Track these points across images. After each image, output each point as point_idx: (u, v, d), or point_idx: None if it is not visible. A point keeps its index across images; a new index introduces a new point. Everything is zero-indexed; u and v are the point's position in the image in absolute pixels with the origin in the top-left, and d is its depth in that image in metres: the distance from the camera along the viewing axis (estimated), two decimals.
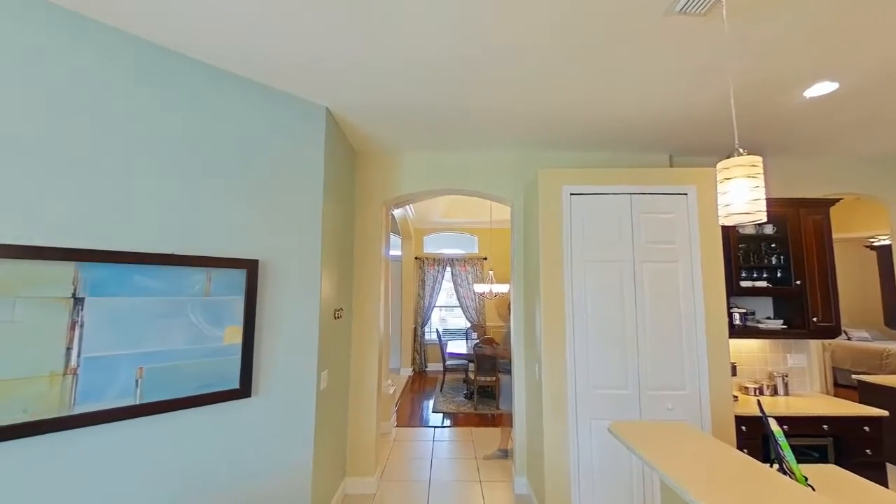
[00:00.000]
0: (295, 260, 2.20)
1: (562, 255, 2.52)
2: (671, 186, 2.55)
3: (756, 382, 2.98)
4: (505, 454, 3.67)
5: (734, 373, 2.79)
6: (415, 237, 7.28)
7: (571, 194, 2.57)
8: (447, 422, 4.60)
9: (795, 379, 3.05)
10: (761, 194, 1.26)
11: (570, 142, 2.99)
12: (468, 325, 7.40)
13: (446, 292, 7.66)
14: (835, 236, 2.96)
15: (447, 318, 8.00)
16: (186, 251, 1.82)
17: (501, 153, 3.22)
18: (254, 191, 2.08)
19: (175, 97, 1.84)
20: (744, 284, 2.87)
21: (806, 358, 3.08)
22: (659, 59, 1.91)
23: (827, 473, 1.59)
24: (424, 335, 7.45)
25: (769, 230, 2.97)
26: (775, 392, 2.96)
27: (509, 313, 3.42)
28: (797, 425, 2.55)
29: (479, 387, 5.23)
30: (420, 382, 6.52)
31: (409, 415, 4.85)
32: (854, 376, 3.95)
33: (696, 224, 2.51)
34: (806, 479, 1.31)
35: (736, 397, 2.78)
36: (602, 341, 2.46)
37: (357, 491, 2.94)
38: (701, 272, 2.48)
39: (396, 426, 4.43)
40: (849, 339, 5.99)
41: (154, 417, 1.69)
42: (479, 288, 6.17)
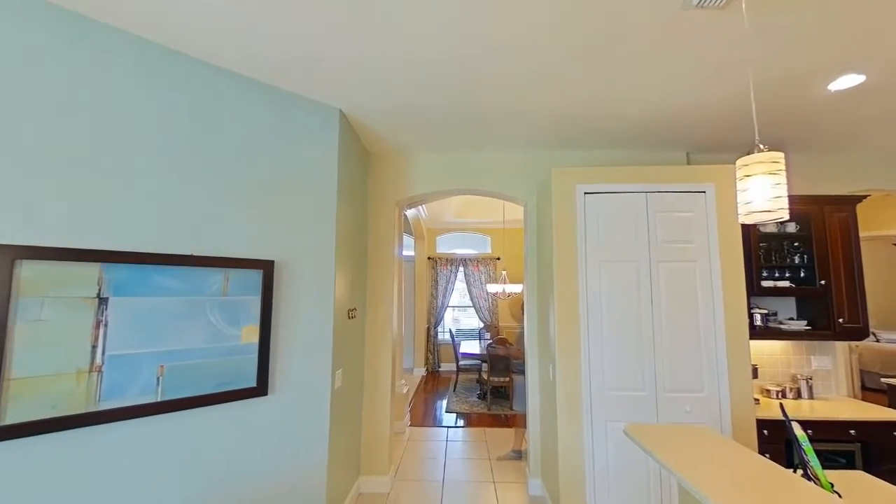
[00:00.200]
0: (309, 260, 2.23)
1: (576, 255, 2.50)
2: (689, 184, 2.50)
3: (778, 385, 2.90)
4: (519, 455, 3.65)
5: (755, 375, 2.71)
6: (427, 237, 7.30)
7: (585, 193, 2.54)
8: (460, 422, 4.60)
9: (820, 382, 2.95)
10: (783, 191, 1.23)
11: (584, 140, 2.96)
12: (481, 326, 7.38)
13: (459, 292, 7.65)
14: (862, 234, 2.85)
15: (460, 319, 8.00)
16: (204, 252, 1.86)
17: (514, 153, 3.21)
18: (269, 192, 2.11)
19: (194, 100, 1.88)
20: (765, 284, 2.80)
21: (831, 360, 2.98)
22: (675, 55, 1.87)
23: (854, 480, 1.53)
24: (437, 335, 7.46)
25: (792, 228, 2.88)
26: (799, 395, 2.87)
27: (522, 313, 3.40)
28: (822, 430, 2.47)
29: (493, 387, 5.21)
30: (433, 382, 6.53)
31: (423, 414, 4.87)
32: (883, 380, 3.82)
33: (715, 223, 2.46)
34: (832, 486, 1.27)
35: (757, 400, 2.70)
36: (617, 342, 2.42)
37: (371, 490, 2.96)
38: (720, 272, 2.43)
39: (410, 426, 4.45)
40: (877, 342, 5.77)
41: (175, 414, 1.74)
42: (492, 288, 6.15)
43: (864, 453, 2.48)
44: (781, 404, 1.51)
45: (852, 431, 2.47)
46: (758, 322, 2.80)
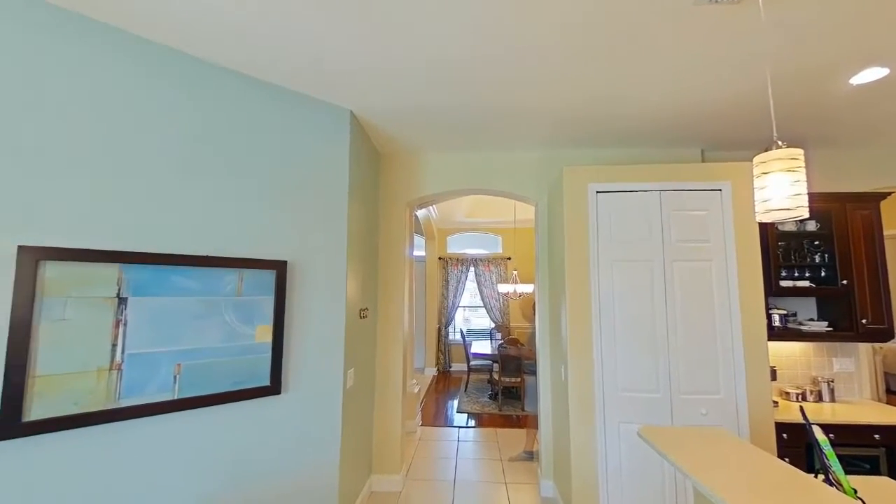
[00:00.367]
0: (321, 261, 2.25)
1: (588, 254, 2.47)
2: (704, 182, 2.45)
3: (798, 387, 2.82)
4: (530, 456, 3.63)
5: (774, 377, 2.65)
6: (438, 237, 7.31)
7: (598, 192, 2.51)
8: (472, 422, 4.59)
9: (842, 385, 2.87)
10: (802, 189, 1.20)
11: (596, 139, 2.92)
12: (492, 326, 7.36)
13: (470, 292, 7.64)
14: (886, 232, 2.76)
15: (471, 319, 7.99)
16: (219, 253, 1.90)
17: (525, 152, 3.19)
18: (281, 194, 2.14)
19: (205, 102, 1.92)
20: (784, 284, 2.73)
21: (854, 362, 2.90)
22: (689, 51, 1.84)
23: (879, 486, 1.48)
24: (448, 335, 7.46)
25: (812, 227, 2.80)
26: (820, 398, 2.79)
27: (534, 314, 3.38)
28: (845, 434, 2.40)
29: (504, 388, 5.19)
30: (444, 382, 6.54)
31: (434, 414, 4.87)
32: None
33: (731, 221, 2.40)
34: (855, 492, 1.23)
35: (776, 403, 2.64)
36: (631, 343, 2.39)
37: (382, 489, 2.98)
38: (737, 271, 2.37)
39: (421, 425, 4.46)
40: None
41: (191, 412, 1.77)
42: (503, 288, 6.13)
43: (890, 458, 2.40)
44: (801, 407, 1.47)
45: (876, 436, 2.39)
46: (776, 322, 2.73)
